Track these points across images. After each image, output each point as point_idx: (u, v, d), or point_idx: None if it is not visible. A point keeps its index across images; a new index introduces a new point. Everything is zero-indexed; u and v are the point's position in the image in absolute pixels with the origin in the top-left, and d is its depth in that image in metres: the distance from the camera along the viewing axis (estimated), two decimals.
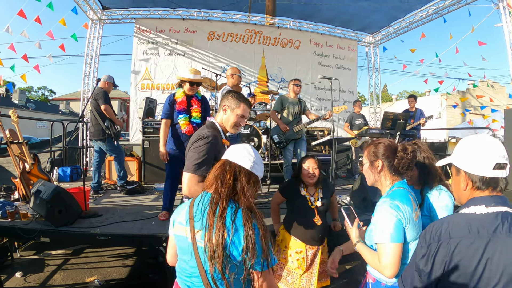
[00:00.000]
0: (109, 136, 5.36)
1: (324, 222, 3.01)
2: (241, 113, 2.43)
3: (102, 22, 9.92)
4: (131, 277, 4.47)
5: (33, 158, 4.81)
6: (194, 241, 1.50)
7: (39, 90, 55.17)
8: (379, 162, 1.92)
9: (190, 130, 3.95)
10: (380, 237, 1.71)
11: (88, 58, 9.72)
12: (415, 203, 1.83)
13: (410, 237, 1.74)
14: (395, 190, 1.84)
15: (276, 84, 10.43)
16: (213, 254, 1.41)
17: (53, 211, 3.66)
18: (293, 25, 11.04)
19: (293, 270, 2.94)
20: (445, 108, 23.04)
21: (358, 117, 7.93)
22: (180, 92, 4.10)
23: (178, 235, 1.60)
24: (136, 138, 9.11)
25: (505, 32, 7.96)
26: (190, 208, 1.57)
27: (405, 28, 10.89)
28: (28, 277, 4.33)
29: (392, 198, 1.76)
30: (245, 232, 1.45)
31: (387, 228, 1.69)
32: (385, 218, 1.72)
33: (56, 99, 46.52)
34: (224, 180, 1.55)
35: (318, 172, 2.98)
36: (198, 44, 9.96)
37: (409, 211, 1.72)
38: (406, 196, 1.79)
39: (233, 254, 1.44)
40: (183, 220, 1.58)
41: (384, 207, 1.75)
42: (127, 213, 4.40)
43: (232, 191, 1.55)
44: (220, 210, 1.48)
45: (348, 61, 11.65)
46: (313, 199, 3.00)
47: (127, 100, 22.34)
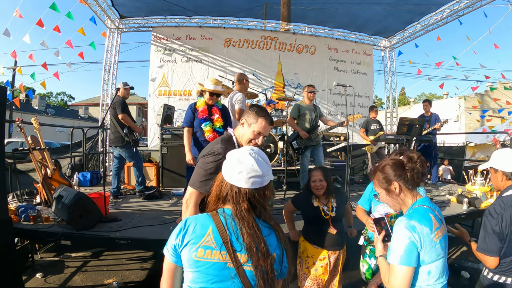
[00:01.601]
0: (127, 143, 5.49)
1: (340, 229, 3.05)
2: (258, 129, 2.29)
3: (120, 30, 10.11)
4: (148, 280, 4.53)
5: (54, 163, 4.96)
6: (239, 264, 1.38)
7: (58, 95, 56.62)
8: (394, 184, 1.84)
9: (214, 137, 4.01)
10: (392, 257, 1.69)
11: (107, 66, 9.91)
12: (438, 221, 1.75)
13: (429, 259, 1.68)
14: (416, 209, 1.78)
15: (293, 89, 10.46)
16: (261, 272, 1.36)
17: (75, 216, 3.76)
18: (308, 30, 11.04)
19: (318, 277, 2.98)
20: (463, 111, 22.64)
21: (374, 122, 7.88)
22: (201, 101, 4.17)
23: (206, 261, 1.38)
24: (154, 144, 9.24)
25: None
26: (220, 228, 1.42)
27: (420, 31, 10.78)
28: (48, 278, 4.45)
29: (409, 218, 1.71)
30: (281, 242, 1.47)
31: (398, 249, 1.66)
32: (399, 239, 1.68)
33: (75, 105, 47.48)
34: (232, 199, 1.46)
35: (325, 184, 3.01)
36: (214, 50, 10.05)
37: (427, 231, 1.66)
38: (425, 215, 1.72)
39: (276, 267, 1.43)
40: (212, 243, 1.39)
41: (399, 226, 1.71)
42: (145, 218, 4.48)
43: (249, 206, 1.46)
44: (253, 225, 1.42)
45: (364, 65, 11.57)
46: (326, 208, 3.04)
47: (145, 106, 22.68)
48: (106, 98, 9.86)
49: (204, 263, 1.38)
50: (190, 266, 1.40)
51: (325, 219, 2.99)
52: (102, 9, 8.92)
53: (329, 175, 3.10)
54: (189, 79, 9.80)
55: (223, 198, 1.49)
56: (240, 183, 1.43)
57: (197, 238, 1.41)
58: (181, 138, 6.28)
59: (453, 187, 7.08)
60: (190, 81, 9.78)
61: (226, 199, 1.47)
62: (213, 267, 1.37)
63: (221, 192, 1.49)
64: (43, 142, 5.02)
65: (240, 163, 1.45)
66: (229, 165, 1.49)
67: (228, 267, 1.37)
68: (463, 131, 21.10)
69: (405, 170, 1.82)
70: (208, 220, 1.45)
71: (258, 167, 1.44)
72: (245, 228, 1.39)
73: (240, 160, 1.46)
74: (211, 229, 1.41)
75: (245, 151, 1.49)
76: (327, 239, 2.98)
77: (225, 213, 1.46)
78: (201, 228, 1.43)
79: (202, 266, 1.38)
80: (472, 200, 5.02)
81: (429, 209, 1.76)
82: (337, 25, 11.07)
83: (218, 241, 1.39)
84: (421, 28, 10.63)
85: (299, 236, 3.24)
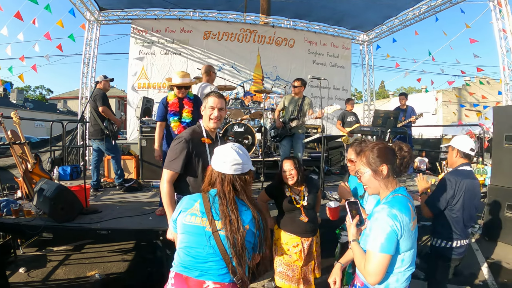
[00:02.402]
0: (107, 136, 5.53)
1: (312, 217, 3.17)
2: (210, 104, 2.60)
3: (99, 23, 9.98)
4: (130, 271, 4.64)
5: (34, 158, 4.96)
6: (214, 229, 1.74)
7: (36, 89, 55.14)
8: (383, 167, 1.85)
9: (181, 130, 3.97)
10: (371, 244, 1.70)
11: (86, 59, 9.77)
12: (414, 211, 1.79)
13: (404, 248, 1.72)
14: (395, 197, 1.80)
15: (271, 82, 10.54)
16: (233, 240, 1.71)
17: (56, 208, 3.80)
18: (287, 24, 11.12)
19: (293, 263, 3.08)
20: (441, 105, 23.22)
21: (350, 115, 8.09)
22: (172, 94, 4.11)
23: (191, 224, 1.79)
24: (134, 136, 9.21)
25: (495, 30, 8.12)
26: (205, 202, 1.82)
27: (398, 26, 10.97)
28: (31, 272, 4.47)
29: (391, 206, 1.72)
30: (255, 219, 1.83)
31: (380, 237, 1.67)
32: (380, 227, 1.69)
33: (53, 98, 46.41)
34: (216, 184, 1.88)
35: (295, 173, 3.11)
36: (193, 43, 10.06)
37: (407, 221, 1.69)
38: (405, 204, 1.75)
39: (248, 239, 1.78)
40: (197, 211, 1.80)
41: (381, 214, 1.72)
42: (126, 210, 4.56)
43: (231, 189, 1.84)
44: (231, 202, 1.79)
45: (342, 59, 11.74)
46: (298, 197, 3.14)
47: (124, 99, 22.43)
48: (85, 91, 9.75)
49: (189, 226, 1.79)
50: (180, 229, 1.83)
51: (297, 207, 3.11)
52: (81, 1, 8.80)
53: (300, 165, 3.20)
54: (168, 71, 9.78)
55: (213, 183, 1.88)
56: (225, 170, 1.83)
57: (187, 207, 1.85)
58: None
59: (428, 178, 7.34)
60: (169, 73, 9.72)
61: (215, 183, 1.87)
62: (195, 229, 1.78)
63: (211, 179, 1.89)
64: (23, 136, 5.01)
65: (224, 155, 1.84)
66: (216, 157, 1.88)
67: (205, 231, 1.76)
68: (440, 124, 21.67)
69: (395, 157, 1.88)
70: (198, 196, 1.89)
71: (238, 157, 1.83)
72: (223, 203, 1.78)
73: (224, 153, 1.85)
74: (199, 202, 1.84)
75: (229, 146, 1.88)
76: (300, 226, 3.10)
77: (211, 193, 1.87)
78: (192, 200, 1.88)
79: (188, 228, 1.80)
80: None
81: (407, 199, 1.80)
82: (316, 19, 11.18)
83: (202, 210, 1.80)
84: (399, 23, 10.82)
85: (274, 223, 3.33)
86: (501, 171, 5.44)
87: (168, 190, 2.49)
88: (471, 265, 4.61)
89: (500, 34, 8.07)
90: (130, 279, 4.44)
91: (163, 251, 3.81)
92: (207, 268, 1.74)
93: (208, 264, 1.74)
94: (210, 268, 1.74)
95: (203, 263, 1.74)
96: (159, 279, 4.26)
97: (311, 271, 3.17)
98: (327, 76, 5.74)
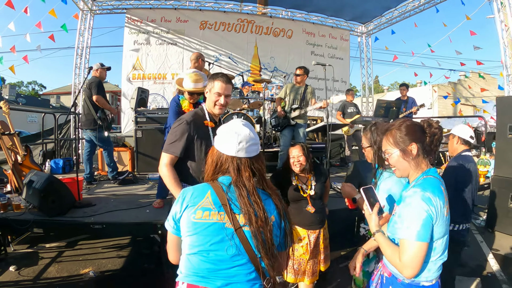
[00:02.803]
0: (100, 126, 5.31)
1: (319, 208, 3.02)
2: (217, 90, 2.42)
3: (93, 12, 9.75)
4: (126, 268, 4.45)
5: (25, 149, 4.76)
6: (237, 225, 1.40)
7: (29, 85, 54.35)
8: (413, 146, 1.66)
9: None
10: (406, 233, 1.52)
11: (79, 50, 9.57)
12: (446, 195, 1.62)
13: (438, 235, 1.56)
14: (427, 179, 1.63)
15: (269, 73, 10.41)
16: (261, 236, 1.39)
17: (46, 201, 3.63)
18: (285, 14, 11.02)
19: (299, 257, 2.96)
20: (437, 99, 23.19)
21: (351, 105, 7.93)
22: (186, 103, 3.59)
23: (205, 222, 1.41)
24: (129, 129, 9.03)
25: (497, 22, 8.02)
26: (219, 193, 1.45)
27: (397, 17, 10.88)
28: (22, 270, 4.26)
29: (423, 189, 1.55)
30: (279, 208, 1.50)
31: (415, 224, 1.50)
32: (414, 212, 1.52)
33: (46, 94, 45.88)
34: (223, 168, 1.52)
35: (304, 160, 2.96)
36: (190, 33, 9.90)
37: (441, 205, 1.53)
38: (438, 186, 1.59)
39: (275, 232, 1.47)
40: (211, 205, 1.42)
41: (414, 199, 1.54)
42: (121, 202, 4.38)
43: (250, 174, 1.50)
44: (252, 191, 1.45)
45: (341, 50, 11.66)
46: (305, 187, 3.00)
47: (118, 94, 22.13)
48: (79, 84, 9.48)
49: (203, 223, 1.40)
50: (189, 230, 1.43)
51: (303, 197, 2.97)
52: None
53: (309, 152, 3.05)
54: (163, 62, 9.65)
55: (223, 171, 1.51)
56: (240, 153, 1.47)
57: (196, 201, 1.44)
58: (156, 121, 6.14)
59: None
60: (164, 64, 9.63)
61: (227, 171, 1.50)
62: (211, 228, 1.40)
63: (220, 166, 1.51)
64: (13, 127, 4.79)
65: (237, 134, 1.46)
66: (226, 138, 1.49)
67: (226, 228, 1.40)
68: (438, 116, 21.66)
69: (424, 135, 1.69)
70: (206, 186, 1.49)
71: (254, 135, 1.50)
72: (243, 193, 1.42)
73: (237, 131, 1.46)
74: (210, 193, 1.45)
75: (238, 122, 1.51)
76: (306, 217, 2.95)
77: (223, 181, 1.49)
78: (200, 193, 1.47)
79: (201, 227, 1.41)
80: None
81: (439, 181, 1.64)
82: (314, 9, 11.06)
83: (217, 202, 1.42)
84: (398, 15, 10.72)
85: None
86: (505, 162, 5.35)
87: (170, 171, 2.32)
88: (477, 257, 4.55)
89: (501, 25, 7.96)
90: (126, 276, 4.25)
91: (161, 245, 3.63)
92: (232, 273, 1.41)
93: (234, 269, 1.41)
94: (237, 273, 1.41)
95: (227, 269, 1.41)
96: (156, 276, 4.16)
97: (318, 263, 3.04)
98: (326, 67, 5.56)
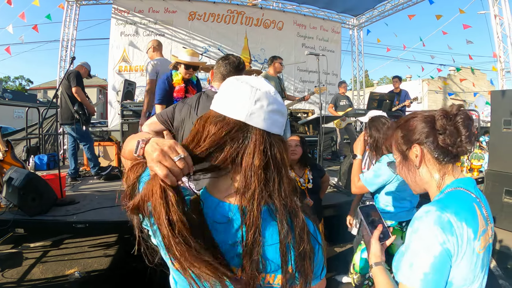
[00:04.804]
0: (77, 121, 5.06)
1: (316, 201, 3.02)
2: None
3: (79, 3, 9.45)
4: (113, 267, 4.31)
5: (6, 145, 4.54)
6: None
7: (16, 80, 53.40)
8: (415, 149, 1.13)
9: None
10: (407, 274, 1.00)
11: (64, 42, 9.26)
12: (484, 219, 1.05)
13: (460, 281, 0.99)
14: (451, 193, 1.08)
15: (259, 65, 10.27)
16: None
17: (26, 199, 3.46)
18: (276, 6, 10.84)
19: None
20: (427, 93, 23.28)
21: (343, 98, 7.81)
22: (179, 76, 3.50)
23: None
24: (115, 123, 8.81)
25: (491, 15, 7.96)
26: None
27: (389, 10, 10.78)
28: (6, 272, 4.10)
29: (442, 207, 1.01)
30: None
31: (421, 263, 0.98)
32: (422, 244, 0.99)
33: (33, 89, 45.14)
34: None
35: (300, 150, 2.95)
36: (178, 24, 9.64)
37: (470, 234, 0.98)
38: (468, 205, 1.04)
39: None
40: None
41: (424, 223, 1.01)
42: (106, 199, 4.21)
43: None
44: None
45: (332, 43, 11.53)
46: (302, 180, 2.98)
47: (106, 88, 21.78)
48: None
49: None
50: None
51: (301, 189, 2.94)
52: None
53: (306, 144, 3.05)
54: None
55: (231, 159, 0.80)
56: (255, 118, 0.79)
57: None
58: None
59: None
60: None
61: (215, 155, 0.80)
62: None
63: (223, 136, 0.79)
64: None
65: (255, 88, 0.80)
66: (233, 92, 0.82)
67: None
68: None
69: (435, 130, 1.11)
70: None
71: (279, 99, 0.84)
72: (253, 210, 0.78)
73: (253, 85, 0.81)
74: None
75: (258, 77, 0.86)
76: None
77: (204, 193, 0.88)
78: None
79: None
80: None
81: (473, 197, 1.06)
82: (305, 1, 10.86)
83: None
84: (391, 7, 10.61)
85: None
86: (499, 156, 5.27)
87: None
88: None
89: (496, 19, 7.91)
90: (113, 276, 4.10)
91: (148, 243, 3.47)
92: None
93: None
94: None
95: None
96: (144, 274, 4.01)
97: None
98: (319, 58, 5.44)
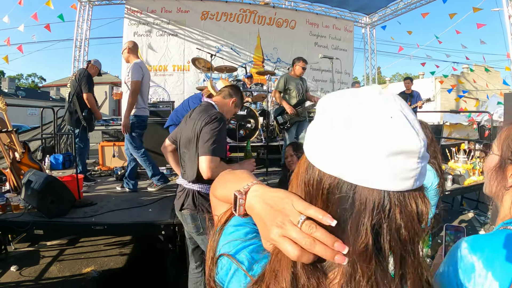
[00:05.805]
0: (83, 127, 5.08)
1: None
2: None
3: (92, 3, 9.57)
4: (128, 266, 4.36)
5: (23, 146, 4.61)
6: None
7: (29, 77, 54.07)
8: (509, 169, 0.91)
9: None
10: None
11: (78, 42, 9.42)
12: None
13: None
14: (501, 232, 0.81)
15: (272, 64, 10.23)
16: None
17: (45, 202, 3.49)
18: (288, 5, 10.84)
19: None
20: (439, 92, 22.97)
21: None
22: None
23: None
24: None
25: (505, 15, 7.83)
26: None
27: (402, 9, 10.69)
28: (24, 270, 4.18)
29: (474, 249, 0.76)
30: None
31: None
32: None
33: (46, 86, 45.58)
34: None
35: (295, 159, 2.91)
36: (191, 24, 9.66)
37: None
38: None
39: None
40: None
41: (449, 264, 0.79)
42: (122, 200, 4.24)
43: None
44: None
45: (345, 42, 11.46)
46: None
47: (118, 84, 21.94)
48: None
49: None
50: None
51: None
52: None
53: (301, 150, 2.97)
54: (164, 53, 9.44)
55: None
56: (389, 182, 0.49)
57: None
58: (156, 115, 5.96)
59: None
60: (165, 55, 9.44)
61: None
62: None
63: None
64: (10, 124, 4.63)
65: (416, 131, 0.50)
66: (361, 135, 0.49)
67: None
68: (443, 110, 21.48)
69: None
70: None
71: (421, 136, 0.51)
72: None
73: (410, 120, 0.51)
74: None
75: (391, 98, 0.54)
76: None
77: None
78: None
79: None
80: (456, 177, 4.95)
81: None
82: (318, 0, 10.83)
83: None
84: (404, 6, 10.51)
85: None
86: None
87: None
88: None
89: (510, 20, 7.82)
90: (129, 275, 4.16)
91: (164, 244, 3.51)
92: None
93: None
94: None
95: None
96: (160, 273, 4.05)
97: None
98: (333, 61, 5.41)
